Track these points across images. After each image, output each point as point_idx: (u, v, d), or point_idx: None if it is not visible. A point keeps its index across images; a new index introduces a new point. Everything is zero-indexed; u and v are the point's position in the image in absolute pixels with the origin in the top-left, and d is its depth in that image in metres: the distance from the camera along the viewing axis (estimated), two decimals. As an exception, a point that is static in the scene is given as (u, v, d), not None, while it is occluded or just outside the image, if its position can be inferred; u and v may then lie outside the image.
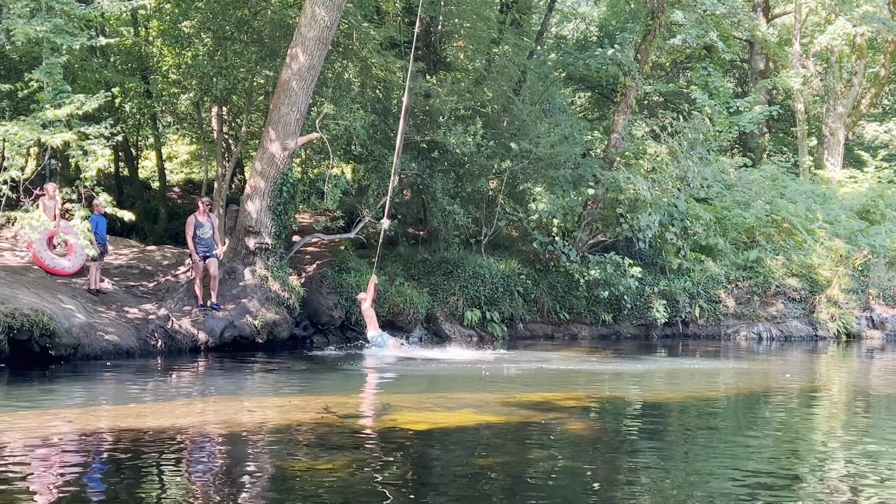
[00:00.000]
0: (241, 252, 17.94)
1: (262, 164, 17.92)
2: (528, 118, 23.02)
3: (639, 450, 8.81)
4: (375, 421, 9.65)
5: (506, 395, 12.00)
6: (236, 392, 12.46)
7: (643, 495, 6.93)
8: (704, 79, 30.39)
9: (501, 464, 7.90)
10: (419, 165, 21.14)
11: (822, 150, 35.89)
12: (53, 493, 6.67)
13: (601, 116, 35.48)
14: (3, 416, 9.87)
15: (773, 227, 25.66)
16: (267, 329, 17.16)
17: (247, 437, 8.97)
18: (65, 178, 22.39)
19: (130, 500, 6.57)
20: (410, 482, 7.30)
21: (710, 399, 12.64)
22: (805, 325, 23.75)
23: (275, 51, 20.69)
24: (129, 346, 15.55)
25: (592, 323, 22.57)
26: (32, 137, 12.93)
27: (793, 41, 34.60)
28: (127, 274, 19.45)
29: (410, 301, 19.84)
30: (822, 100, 36.24)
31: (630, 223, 21.87)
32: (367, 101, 22.01)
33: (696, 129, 23.55)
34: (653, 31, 23.09)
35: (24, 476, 7.12)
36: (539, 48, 27.51)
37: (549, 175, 22.51)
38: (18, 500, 6.37)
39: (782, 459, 8.45)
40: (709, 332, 23.30)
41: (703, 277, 23.40)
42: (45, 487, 6.82)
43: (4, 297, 14.21)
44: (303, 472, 7.36)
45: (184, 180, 31.69)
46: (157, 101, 23.44)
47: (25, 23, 13.42)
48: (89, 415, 10.22)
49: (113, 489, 6.87)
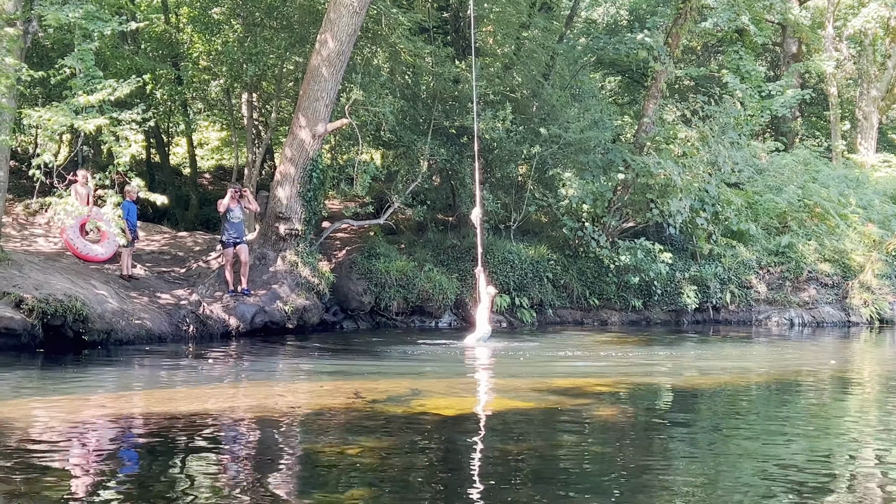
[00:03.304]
0: (272, 238, 18.02)
1: (291, 151, 17.97)
2: (557, 103, 22.91)
3: (669, 436, 8.78)
4: (405, 406, 9.67)
5: (536, 380, 11.99)
6: (267, 377, 12.54)
7: (673, 481, 6.90)
8: (736, 62, 30.08)
9: (531, 449, 7.90)
10: (448, 151, 21.11)
11: (856, 133, 35.49)
12: (88, 476, 6.74)
13: (631, 101, 35.23)
14: (38, 400, 9.99)
15: (805, 212, 25.43)
16: (297, 314, 17.25)
17: (277, 421, 9.02)
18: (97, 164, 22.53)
19: (163, 482, 6.63)
20: (439, 467, 7.31)
21: (741, 385, 12.56)
22: (837, 310, 23.55)
23: (304, 37, 20.72)
24: (162, 332, 15.69)
25: (622, 309, 22.49)
26: (65, 123, 13.02)
27: (826, 24, 34.19)
28: (158, 260, 19.60)
29: (440, 287, 19.86)
30: (856, 83, 35.81)
31: (660, 208, 21.74)
32: (396, 86, 21.99)
33: (728, 113, 23.34)
34: (683, 15, 22.88)
35: (58, 460, 7.20)
36: (569, 32, 27.35)
37: (578, 160, 22.41)
38: (53, 483, 6.45)
39: (814, 446, 8.38)
40: (740, 318, 23.15)
41: (735, 263, 23.24)
42: (80, 470, 6.90)
43: (38, 282, 14.37)
44: (332, 457, 7.39)
45: (214, 167, 31.84)
46: (187, 87, 23.53)
47: (57, 9, 13.50)
48: (122, 399, 10.33)
49: (146, 472, 6.94)
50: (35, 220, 20.49)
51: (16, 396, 10.28)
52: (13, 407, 9.44)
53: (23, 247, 17.96)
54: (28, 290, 13.92)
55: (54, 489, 6.26)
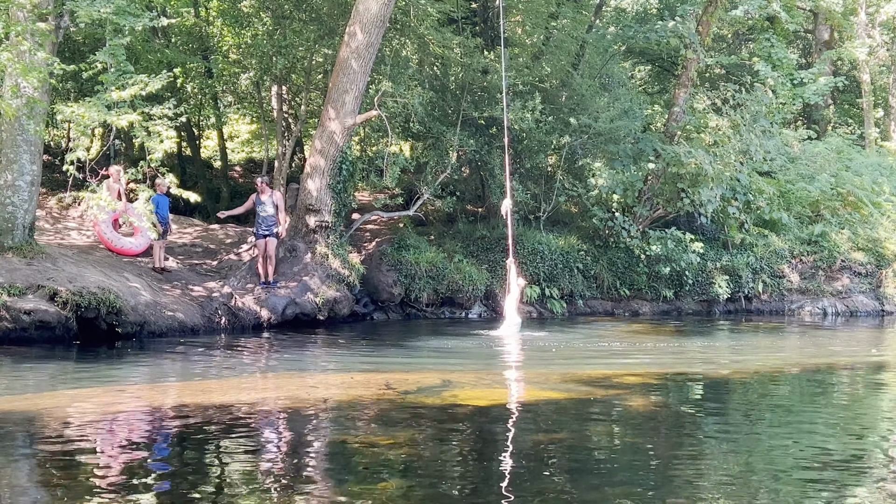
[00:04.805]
0: (302, 230, 18.09)
1: (321, 143, 18.03)
2: (586, 93, 22.82)
3: (701, 427, 8.73)
4: (436, 397, 9.68)
5: (566, 370, 11.96)
6: (299, 368, 12.60)
7: (706, 473, 6.87)
8: (767, 50, 29.81)
9: (561, 440, 7.89)
10: (477, 142, 21.10)
11: (889, 121, 35.10)
12: (121, 466, 6.81)
13: (661, 90, 35.00)
14: (73, 391, 10.09)
15: (838, 201, 25.19)
16: (328, 306, 17.32)
17: (309, 412, 9.07)
18: (129, 158, 22.73)
19: (195, 472, 6.69)
20: (470, 458, 7.33)
21: (774, 375, 12.47)
22: (871, 299, 23.34)
23: (333, 29, 20.76)
24: (194, 324, 15.80)
25: (653, 299, 22.41)
26: (98, 118, 13.13)
27: (858, 10, 33.76)
28: (191, 252, 19.74)
29: (469, 278, 19.88)
30: (889, 70, 35.39)
31: (691, 198, 21.61)
32: (424, 78, 21.99)
33: (759, 101, 23.12)
34: (714, 3, 22.72)
35: (93, 450, 7.27)
36: (598, 21, 27.21)
37: (608, 150, 22.32)
38: (88, 473, 6.52)
39: (847, 437, 8.31)
40: (772, 308, 22.99)
41: (767, 252, 23.08)
42: (114, 461, 6.97)
43: (72, 275, 14.51)
44: (364, 448, 7.42)
45: (245, 159, 31.98)
46: (217, 80, 23.67)
47: (89, 4, 13.60)
48: (156, 390, 10.42)
49: (179, 462, 7.00)
50: (68, 214, 20.69)
51: (52, 388, 10.41)
52: (49, 398, 9.56)
53: (56, 240, 18.15)
54: (62, 283, 14.07)
55: (90, 479, 6.33)
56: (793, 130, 29.54)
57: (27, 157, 15.11)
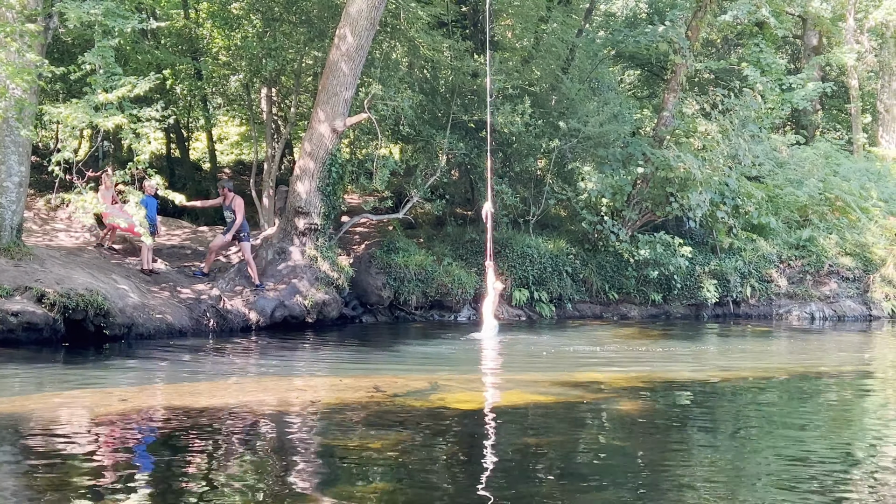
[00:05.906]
0: (291, 232, 18.07)
1: (310, 145, 18.01)
2: (576, 97, 22.84)
3: (690, 431, 8.76)
4: (425, 400, 9.68)
5: (555, 374, 11.98)
6: (287, 371, 12.59)
7: (694, 476, 6.89)
8: (756, 55, 29.90)
9: (551, 444, 7.90)
10: (467, 145, 21.12)
11: (877, 126, 35.22)
12: (109, 469, 6.80)
13: (651, 94, 35.08)
14: (60, 394, 10.06)
15: (826, 206, 25.26)
16: (317, 309, 17.29)
17: (298, 415, 9.06)
18: (118, 159, 22.67)
19: (183, 475, 6.67)
20: (459, 461, 7.33)
21: (762, 380, 12.51)
22: (859, 304, 23.41)
23: (323, 31, 20.75)
24: (182, 326, 15.75)
25: (642, 303, 22.43)
26: (85, 120, 13.09)
27: (847, 16, 33.91)
28: (179, 254, 19.69)
29: (458, 281, 19.87)
30: (877, 76, 35.51)
31: (680, 202, 21.65)
32: (414, 80, 22.00)
33: (748, 106, 23.18)
34: (703, 8, 22.76)
35: (80, 453, 7.25)
36: (588, 26, 27.25)
37: (597, 154, 22.34)
38: (75, 476, 6.50)
39: (836, 441, 8.35)
40: (760, 312, 23.04)
41: (755, 257, 23.13)
42: (101, 464, 6.95)
43: (60, 277, 14.46)
44: (353, 451, 7.41)
45: (234, 161, 31.92)
46: (207, 82, 23.61)
47: (78, 6, 13.55)
48: (144, 393, 10.39)
49: (167, 465, 6.98)
50: (56, 215, 20.62)
51: (38, 390, 10.37)
52: (36, 401, 9.52)
53: (44, 241, 18.09)
54: (50, 285, 14.01)
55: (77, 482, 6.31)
56: (781, 135, 29.68)
57: (15, 158, 15.06)
